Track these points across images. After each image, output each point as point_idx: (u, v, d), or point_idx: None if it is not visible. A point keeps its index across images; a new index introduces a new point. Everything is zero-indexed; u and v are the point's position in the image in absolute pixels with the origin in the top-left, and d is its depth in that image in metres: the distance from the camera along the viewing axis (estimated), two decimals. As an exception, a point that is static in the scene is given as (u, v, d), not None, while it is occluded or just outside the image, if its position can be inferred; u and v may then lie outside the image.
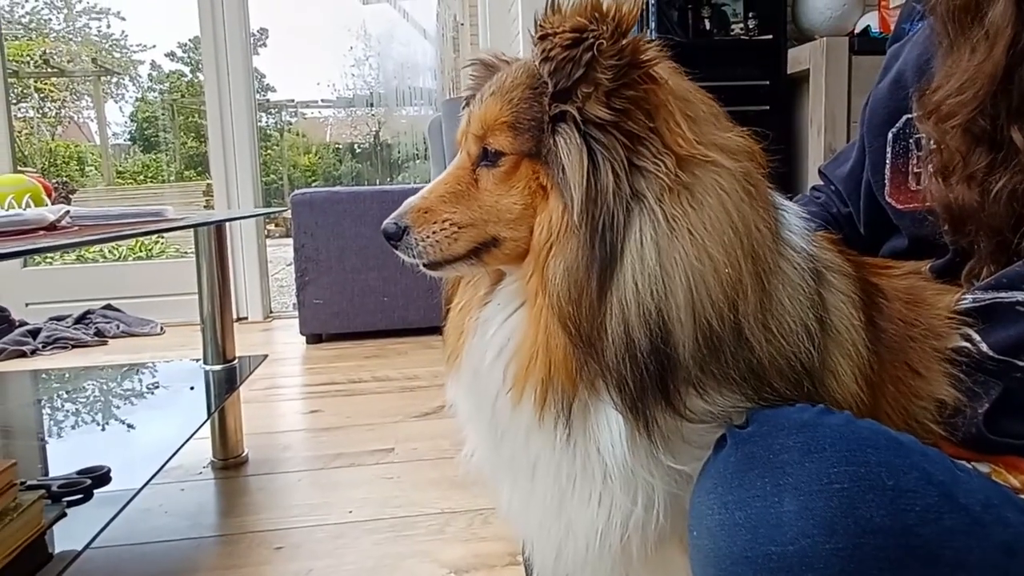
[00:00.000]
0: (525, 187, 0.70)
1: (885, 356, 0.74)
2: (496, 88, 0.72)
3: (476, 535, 1.42)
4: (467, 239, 0.72)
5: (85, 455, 1.33)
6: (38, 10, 6.41)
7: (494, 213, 0.71)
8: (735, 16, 3.33)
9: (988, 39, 0.74)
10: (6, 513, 0.96)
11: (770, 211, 0.69)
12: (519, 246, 0.72)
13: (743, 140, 0.70)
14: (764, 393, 0.64)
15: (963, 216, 0.77)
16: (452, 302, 0.84)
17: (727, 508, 0.58)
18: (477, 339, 0.76)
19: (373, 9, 7.04)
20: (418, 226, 0.73)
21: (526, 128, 0.69)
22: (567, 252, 0.65)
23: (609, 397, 0.65)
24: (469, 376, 0.77)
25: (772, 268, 0.66)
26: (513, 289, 0.75)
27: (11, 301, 3.48)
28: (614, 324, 0.63)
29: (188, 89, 7.26)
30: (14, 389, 1.86)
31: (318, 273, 3.18)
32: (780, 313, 0.66)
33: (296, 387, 2.63)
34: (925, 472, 0.57)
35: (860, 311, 0.74)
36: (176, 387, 1.74)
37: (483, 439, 0.81)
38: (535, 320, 0.68)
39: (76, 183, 6.35)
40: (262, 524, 1.50)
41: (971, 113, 0.75)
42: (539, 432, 0.70)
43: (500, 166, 0.71)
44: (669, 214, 0.63)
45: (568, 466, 0.70)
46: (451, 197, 0.73)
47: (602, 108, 0.64)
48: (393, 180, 7.16)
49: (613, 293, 0.63)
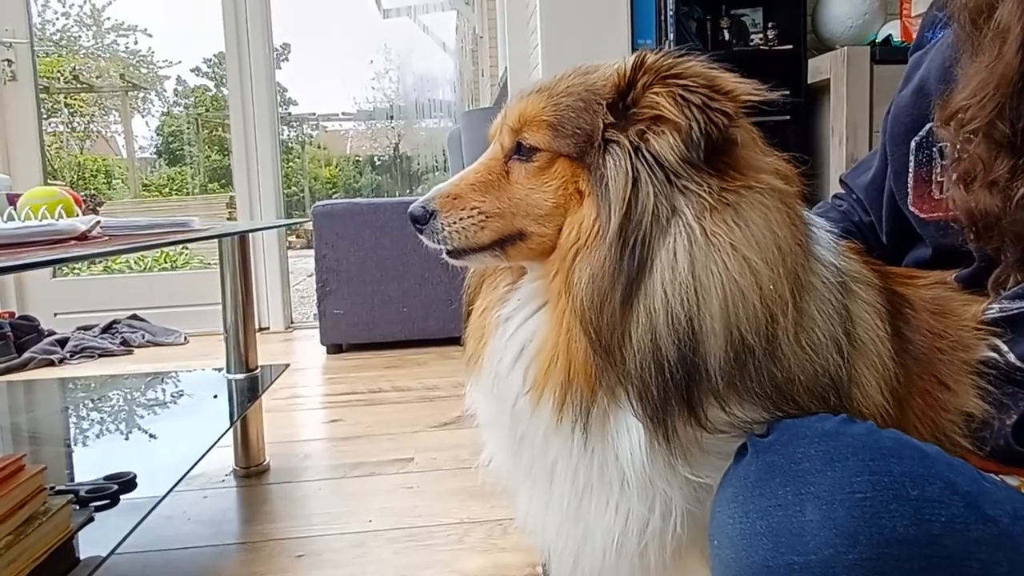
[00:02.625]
0: (560, 186, 0.70)
1: (913, 368, 0.74)
2: (543, 87, 0.73)
3: (496, 545, 1.42)
4: (493, 229, 0.72)
5: (111, 462, 1.36)
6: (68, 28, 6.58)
7: (523, 207, 0.72)
8: (754, 26, 3.33)
9: (999, 37, 0.74)
10: (35, 517, 0.97)
11: (804, 228, 0.70)
12: (545, 242, 0.72)
13: (781, 163, 0.72)
14: (786, 407, 0.64)
15: (987, 223, 0.76)
16: (473, 305, 0.84)
17: (748, 517, 0.57)
18: (497, 338, 0.76)
19: (393, 23, 7.14)
20: (445, 211, 0.72)
21: (569, 133, 0.69)
22: (594, 260, 0.65)
23: (629, 404, 0.65)
24: (489, 379, 0.77)
25: (806, 284, 0.67)
26: (535, 287, 0.75)
27: (41, 311, 3.56)
28: (640, 332, 0.63)
29: (212, 103, 7.40)
30: (43, 397, 1.89)
31: (339, 284, 3.22)
32: (811, 327, 0.66)
33: (317, 396, 2.65)
34: (950, 482, 0.56)
35: (886, 322, 0.74)
36: (200, 395, 1.76)
37: (502, 444, 0.81)
38: (557, 321, 0.69)
39: (104, 196, 6.50)
40: (283, 532, 1.51)
41: (989, 116, 0.74)
42: (558, 436, 0.70)
43: (534, 161, 0.71)
44: (709, 230, 0.63)
45: (586, 472, 0.70)
46: (481, 186, 0.73)
47: (672, 152, 0.65)
48: (413, 192, 7.22)
49: (640, 302, 0.63)
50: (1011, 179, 0.73)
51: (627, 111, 0.68)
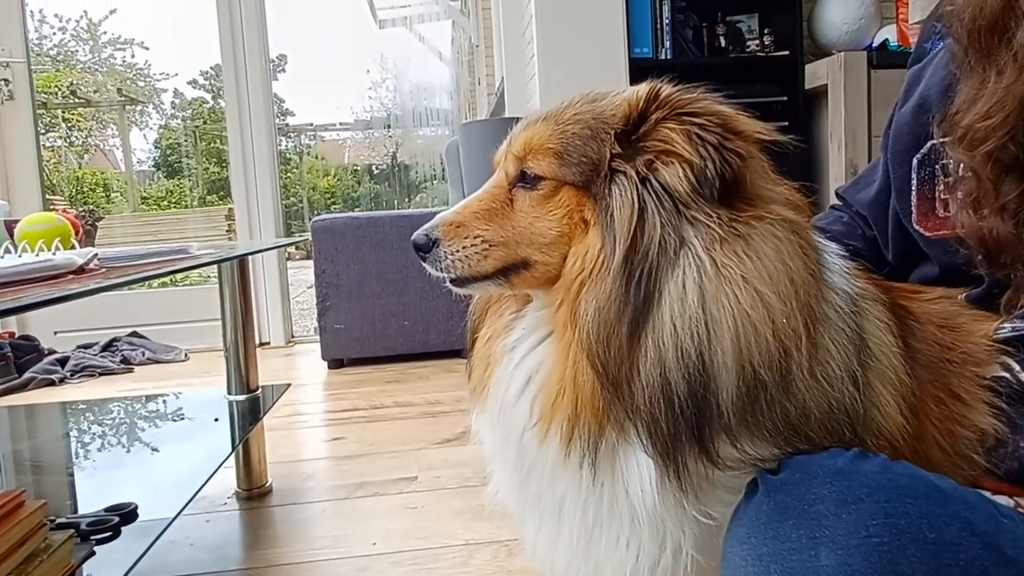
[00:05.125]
0: (564, 215, 0.69)
1: (924, 376, 0.73)
2: (549, 115, 0.72)
3: (502, 568, 1.41)
4: (497, 258, 0.72)
5: (112, 489, 1.35)
6: (65, 42, 6.60)
7: (527, 235, 0.71)
8: (750, 33, 3.33)
9: (1016, 61, 0.72)
10: (36, 555, 0.96)
11: (816, 257, 0.69)
12: (549, 271, 0.71)
13: (792, 192, 0.71)
14: (798, 443, 0.63)
15: (998, 248, 0.75)
16: (478, 333, 0.83)
17: (761, 560, 0.56)
18: (503, 368, 0.75)
19: (389, 33, 7.14)
20: (448, 239, 0.72)
21: (575, 161, 0.68)
22: (600, 291, 0.64)
23: (638, 440, 0.64)
24: (495, 409, 0.76)
25: (820, 317, 0.66)
26: (540, 316, 0.74)
27: (41, 330, 3.55)
28: (648, 366, 0.62)
29: (210, 116, 7.41)
30: (43, 422, 1.88)
31: (339, 298, 3.21)
32: (826, 360, 0.65)
33: (319, 414, 2.64)
34: (967, 522, 0.55)
35: (897, 337, 0.73)
36: (201, 419, 1.75)
37: (509, 476, 0.79)
38: (563, 353, 0.68)
39: (102, 210, 6.49)
40: (287, 557, 1.50)
41: (1002, 139, 0.73)
42: (566, 470, 0.69)
43: (539, 189, 0.70)
44: (719, 262, 0.62)
45: (595, 507, 0.69)
46: (485, 214, 0.72)
47: (681, 182, 0.64)
48: (411, 201, 7.21)
49: (648, 335, 0.62)
50: (1021, 204, 0.72)
51: (636, 143, 0.67)
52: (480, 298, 0.85)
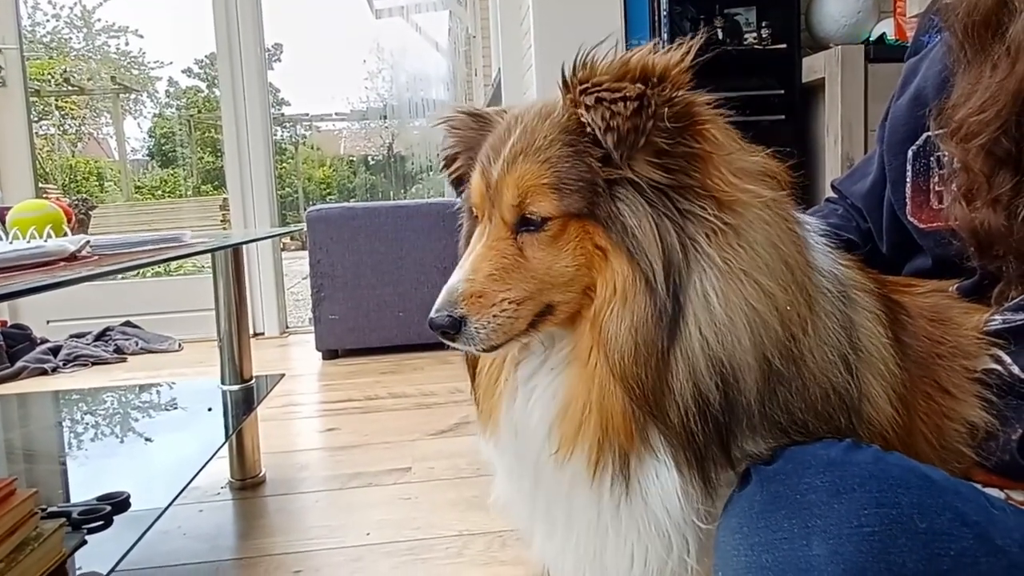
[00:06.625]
0: (576, 248, 0.66)
1: (913, 371, 0.73)
2: (525, 147, 0.67)
3: (495, 558, 1.41)
4: (527, 313, 0.67)
5: (105, 478, 1.34)
6: (59, 30, 6.53)
7: (548, 280, 0.67)
8: (748, 26, 3.32)
9: (1010, 55, 0.73)
10: (27, 543, 0.96)
11: (800, 234, 0.68)
12: (571, 308, 0.68)
13: (766, 162, 0.69)
14: (796, 436, 0.63)
15: (990, 240, 0.76)
16: (479, 364, 0.79)
17: (753, 550, 0.57)
18: (520, 402, 0.72)
19: (386, 23, 7.10)
20: (474, 314, 0.65)
21: (573, 189, 0.64)
22: (635, 311, 0.62)
23: (669, 455, 0.63)
24: (509, 438, 0.74)
25: (813, 295, 0.65)
26: (553, 347, 0.72)
27: (33, 319, 3.53)
28: (681, 380, 0.61)
29: (205, 104, 7.34)
30: (35, 411, 1.87)
31: (334, 289, 3.20)
32: (821, 344, 0.65)
33: (313, 404, 2.63)
34: (959, 513, 0.55)
35: (887, 328, 0.73)
36: (194, 408, 1.74)
37: (519, 493, 0.78)
38: (587, 379, 0.66)
39: (96, 199, 6.44)
40: (280, 547, 1.50)
41: (995, 133, 0.74)
42: (583, 490, 0.67)
43: (546, 231, 0.66)
44: (722, 258, 0.61)
45: (610, 519, 0.68)
46: (501, 273, 0.67)
47: (659, 171, 0.62)
48: (407, 192, 7.18)
49: (677, 348, 0.61)
50: (1014, 197, 0.72)
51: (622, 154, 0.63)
52: None
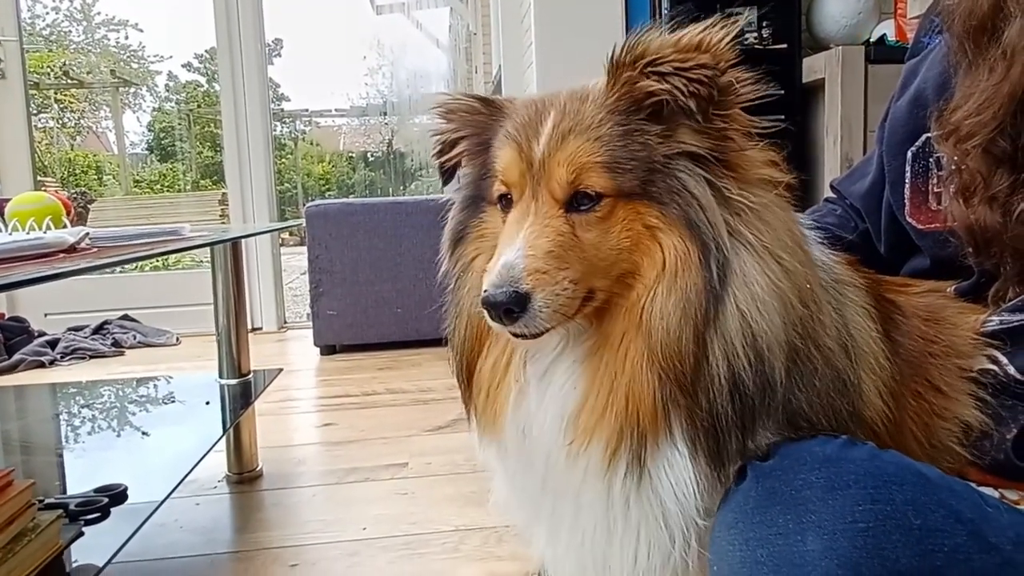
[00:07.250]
0: (623, 230, 0.64)
1: (904, 369, 0.73)
2: (573, 126, 0.65)
3: (491, 553, 1.41)
4: (580, 295, 0.64)
5: (102, 470, 1.34)
6: (58, 23, 6.51)
7: (594, 263, 0.64)
8: (749, 26, 3.31)
9: (1006, 59, 0.74)
10: (24, 534, 0.96)
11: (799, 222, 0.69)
12: (606, 295, 0.66)
13: (766, 151, 0.69)
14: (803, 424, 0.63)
15: (986, 238, 0.76)
16: (476, 361, 0.76)
17: (748, 545, 0.57)
18: (532, 399, 0.70)
19: (387, 19, 7.09)
20: (539, 290, 0.61)
21: (627, 168, 0.63)
22: (685, 285, 0.62)
23: (684, 443, 0.62)
24: (516, 439, 0.71)
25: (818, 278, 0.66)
26: (577, 341, 0.69)
27: (31, 312, 3.53)
28: (717, 359, 0.61)
29: (204, 99, 7.33)
30: (33, 403, 1.87)
31: (332, 284, 3.20)
32: (827, 329, 0.65)
33: (310, 399, 2.64)
34: (953, 510, 0.56)
35: (877, 323, 0.73)
36: (192, 402, 1.74)
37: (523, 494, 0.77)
38: (617, 366, 0.64)
39: (95, 192, 6.43)
40: (277, 541, 1.50)
41: (991, 134, 0.74)
42: (592, 483, 0.66)
43: (596, 211, 0.64)
44: (752, 235, 0.61)
45: (617, 513, 0.67)
46: (560, 251, 0.63)
47: (708, 140, 0.63)
48: (406, 188, 7.18)
49: (716, 325, 0.60)
50: (1011, 194, 0.73)
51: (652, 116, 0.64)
52: (466, 322, 0.76)
